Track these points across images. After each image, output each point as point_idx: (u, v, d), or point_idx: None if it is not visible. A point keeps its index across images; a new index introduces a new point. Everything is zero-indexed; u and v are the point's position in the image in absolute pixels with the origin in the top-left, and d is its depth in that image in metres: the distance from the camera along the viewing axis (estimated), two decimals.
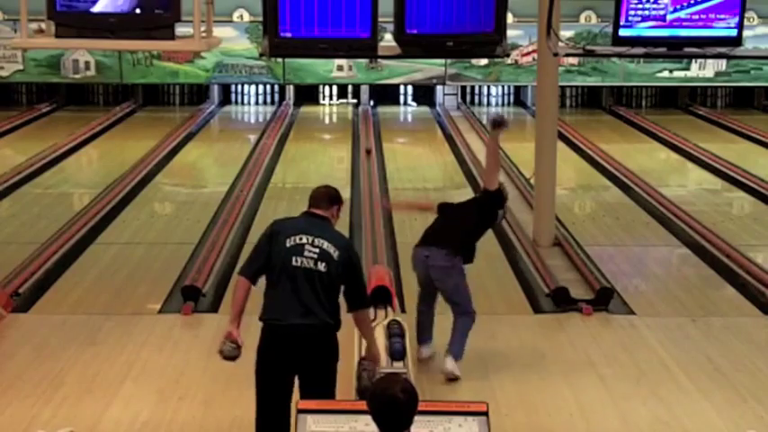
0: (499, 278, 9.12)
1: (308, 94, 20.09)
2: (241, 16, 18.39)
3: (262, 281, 5.29)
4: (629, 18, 7.55)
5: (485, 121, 18.35)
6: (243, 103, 20.09)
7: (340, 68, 18.84)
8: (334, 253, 5.11)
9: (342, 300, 5.27)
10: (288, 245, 5.10)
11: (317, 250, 5.09)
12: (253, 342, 5.21)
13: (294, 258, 5.08)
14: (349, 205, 11.79)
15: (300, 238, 5.11)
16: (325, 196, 5.34)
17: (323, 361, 5.11)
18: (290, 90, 19.90)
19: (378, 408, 3.71)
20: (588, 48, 8.25)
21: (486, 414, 4.29)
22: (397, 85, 19.77)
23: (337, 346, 5.19)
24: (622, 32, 7.59)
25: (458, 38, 7.15)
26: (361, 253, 9.58)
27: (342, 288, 5.23)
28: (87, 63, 18.61)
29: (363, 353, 5.63)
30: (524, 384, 6.68)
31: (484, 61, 18.78)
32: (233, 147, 16.15)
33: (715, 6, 7.55)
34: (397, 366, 6.20)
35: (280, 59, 18.11)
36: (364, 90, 19.81)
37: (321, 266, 5.08)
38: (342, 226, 10.62)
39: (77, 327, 7.68)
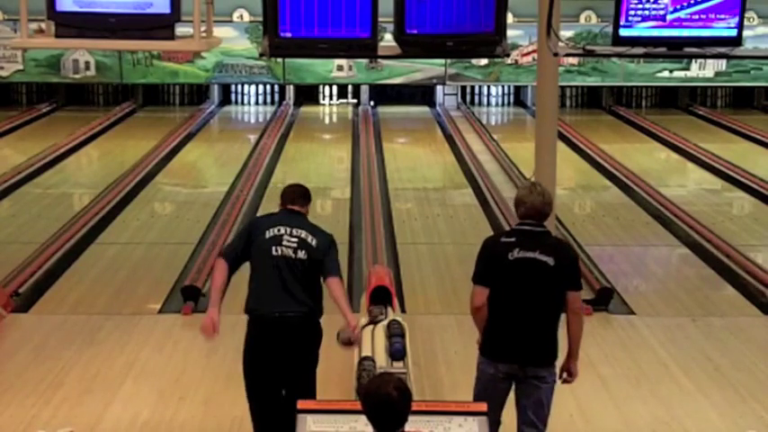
0: None
1: (308, 94, 20.08)
2: (241, 16, 18.37)
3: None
4: (629, 18, 7.53)
5: (485, 121, 18.38)
6: (243, 103, 20.08)
7: (340, 68, 18.82)
8: (312, 241, 5.26)
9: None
10: (267, 236, 5.26)
11: (296, 239, 5.24)
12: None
13: (274, 248, 5.22)
14: (349, 205, 11.80)
15: (279, 230, 5.28)
16: (300, 194, 5.49)
17: (308, 347, 5.22)
18: (290, 90, 19.88)
19: (371, 407, 3.71)
20: (588, 48, 8.22)
21: (486, 414, 4.30)
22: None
23: (321, 331, 5.29)
24: (622, 32, 7.56)
25: (458, 38, 7.12)
26: (362, 253, 9.59)
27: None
28: (87, 63, 18.59)
29: (363, 353, 5.63)
30: None
31: (484, 61, 18.77)
32: (233, 147, 16.14)
33: (715, 6, 7.53)
34: (397, 366, 6.19)
35: (280, 59, 18.10)
36: (364, 90, 19.81)
37: (301, 254, 5.22)
38: (342, 226, 10.79)
39: (77, 327, 7.68)
